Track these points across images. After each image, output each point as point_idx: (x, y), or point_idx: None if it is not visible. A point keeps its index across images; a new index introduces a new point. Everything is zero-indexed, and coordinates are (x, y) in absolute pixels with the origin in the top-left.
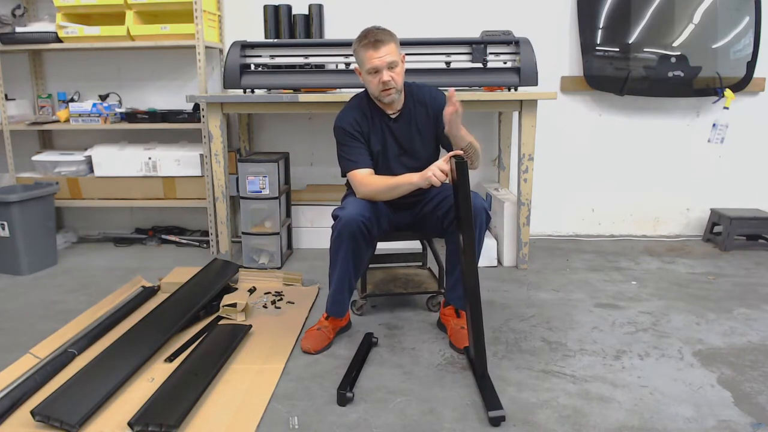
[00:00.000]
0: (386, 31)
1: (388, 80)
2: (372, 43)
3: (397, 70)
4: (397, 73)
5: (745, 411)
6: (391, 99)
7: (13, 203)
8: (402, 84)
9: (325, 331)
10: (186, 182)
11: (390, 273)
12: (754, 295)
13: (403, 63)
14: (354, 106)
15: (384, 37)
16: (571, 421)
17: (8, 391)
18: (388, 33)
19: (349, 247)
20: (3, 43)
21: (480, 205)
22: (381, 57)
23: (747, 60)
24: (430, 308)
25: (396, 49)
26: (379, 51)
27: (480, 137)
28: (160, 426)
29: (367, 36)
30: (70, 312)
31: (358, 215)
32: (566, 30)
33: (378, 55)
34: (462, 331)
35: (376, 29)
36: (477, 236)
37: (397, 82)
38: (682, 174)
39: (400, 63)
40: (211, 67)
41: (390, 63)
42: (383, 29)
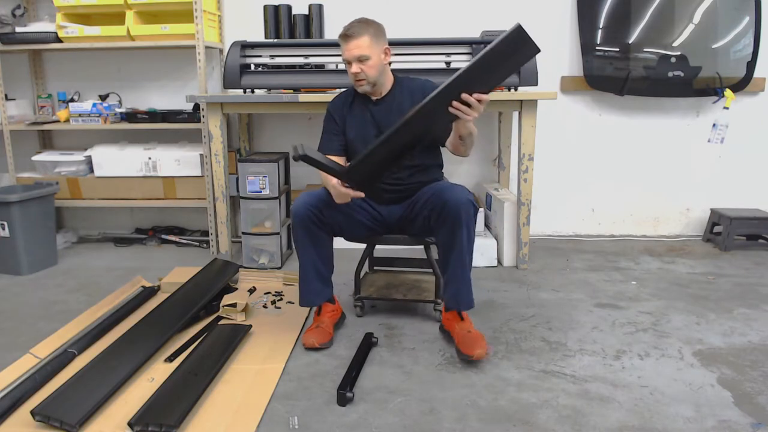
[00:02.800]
0: (362, 24)
1: (357, 72)
2: (343, 36)
3: (369, 63)
4: (369, 66)
5: (745, 411)
6: (363, 90)
7: (13, 203)
8: (375, 77)
9: (323, 326)
10: (186, 182)
11: (396, 277)
12: (754, 295)
13: (387, 55)
14: (344, 92)
15: (355, 31)
16: (571, 421)
17: (8, 391)
18: (363, 26)
19: (305, 236)
20: (3, 43)
21: (464, 197)
22: (349, 50)
23: (747, 60)
24: (437, 318)
25: (369, 43)
26: (348, 44)
27: (480, 137)
28: (160, 426)
29: (344, 28)
30: (70, 312)
31: (303, 204)
32: (566, 30)
33: (347, 48)
34: (469, 335)
35: (354, 22)
36: (465, 230)
37: (368, 75)
38: (682, 174)
39: (373, 56)
40: (211, 67)
41: (358, 57)
42: (361, 22)
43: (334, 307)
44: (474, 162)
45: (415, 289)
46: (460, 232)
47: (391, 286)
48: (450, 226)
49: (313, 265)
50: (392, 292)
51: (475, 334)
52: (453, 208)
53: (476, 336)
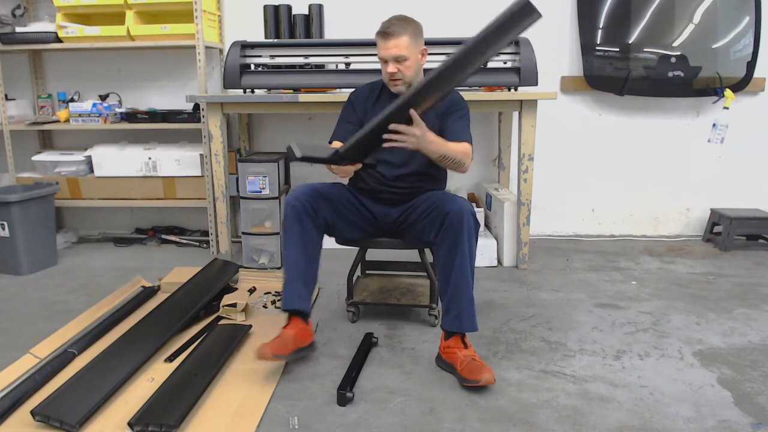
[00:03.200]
0: (402, 23)
1: (393, 72)
2: (382, 33)
3: (406, 64)
4: (407, 66)
5: (745, 411)
6: (397, 90)
7: (13, 203)
8: (412, 77)
9: (284, 339)
10: (186, 182)
11: (390, 281)
12: (754, 295)
13: (423, 56)
14: (370, 84)
15: (395, 29)
16: (571, 421)
17: (8, 391)
18: (403, 25)
19: (296, 229)
20: (3, 43)
21: (466, 208)
22: (387, 49)
23: (747, 60)
24: (432, 323)
25: (408, 43)
26: (387, 43)
27: (480, 137)
28: (160, 426)
29: (382, 24)
30: (70, 312)
31: (299, 194)
32: (566, 30)
33: (385, 47)
34: (474, 362)
35: (394, 19)
36: (466, 242)
37: (404, 75)
38: (682, 174)
39: (411, 57)
40: (211, 67)
41: (396, 56)
42: (401, 20)
43: (305, 328)
44: (474, 162)
45: (410, 293)
46: (462, 244)
47: (385, 290)
48: (451, 238)
49: (297, 265)
50: (386, 297)
51: (480, 363)
52: (455, 219)
53: (481, 364)
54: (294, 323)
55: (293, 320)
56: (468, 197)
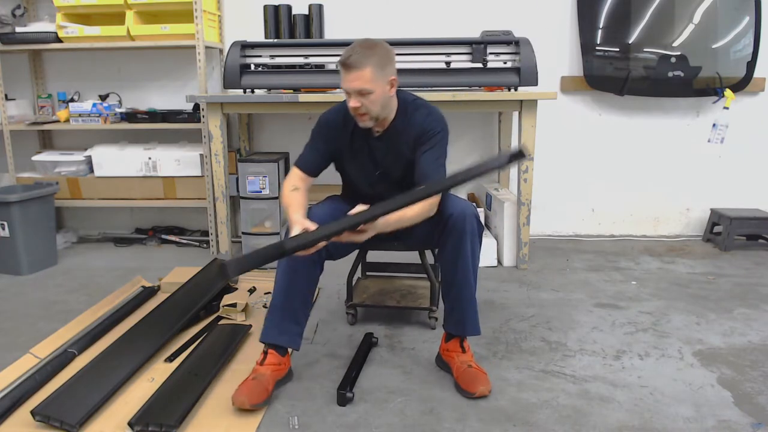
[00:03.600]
0: (366, 52)
1: (355, 107)
2: (342, 64)
3: (371, 98)
4: (371, 101)
5: (745, 411)
6: (363, 125)
7: (13, 203)
8: (379, 112)
9: (261, 380)
10: (186, 182)
11: (391, 283)
12: (754, 295)
13: (393, 86)
14: (342, 110)
15: (357, 60)
16: (571, 421)
17: (8, 391)
18: (366, 54)
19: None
20: (3, 43)
21: (470, 210)
22: (349, 82)
23: (747, 60)
24: (432, 326)
25: (372, 75)
26: (348, 75)
27: (480, 137)
28: (160, 426)
29: (344, 53)
30: (70, 312)
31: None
32: (566, 30)
33: (347, 80)
34: (470, 370)
35: (357, 47)
36: (469, 245)
37: (370, 110)
38: (682, 174)
39: (376, 90)
40: (211, 67)
41: (358, 90)
42: (365, 48)
43: (282, 361)
44: (474, 162)
45: (410, 295)
46: (465, 247)
47: (385, 292)
48: (454, 241)
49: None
50: (386, 299)
51: (476, 370)
52: (458, 223)
53: (477, 371)
54: (270, 358)
55: (270, 354)
56: (468, 197)
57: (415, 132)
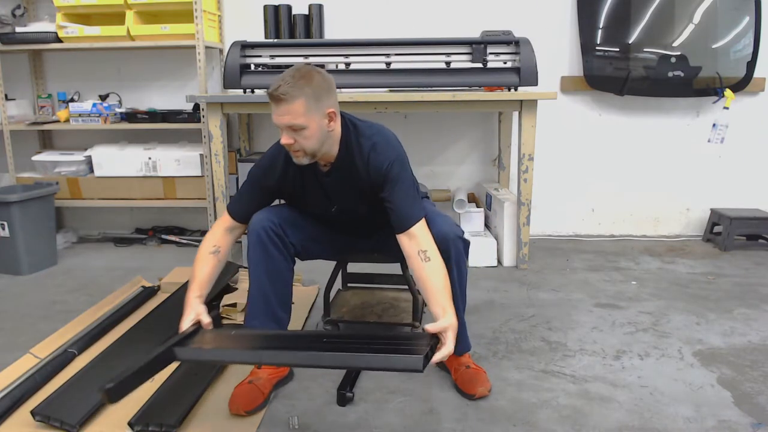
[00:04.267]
0: (299, 83)
1: (288, 144)
2: (271, 96)
3: (305, 133)
4: (305, 137)
5: (745, 411)
6: (299, 162)
7: (13, 203)
8: (315, 148)
9: (257, 384)
10: (186, 182)
11: (373, 295)
12: (754, 295)
13: (333, 120)
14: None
15: (287, 93)
16: (571, 421)
17: (8, 391)
18: (298, 86)
19: (261, 258)
20: (3, 43)
21: (452, 232)
22: (278, 116)
23: (747, 60)
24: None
25: (304, 109)
26: (277, 108)
27: (480, 137)
28: (161, 426)
29: (273, 83)
30: (70, 312)
31: (264, 220)
32: (566, 30)
33: (276, 113)
34: (468, 371)
35: (288, 77)
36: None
37: (304, 147)
38: (682, 174)
39: (310, 125)
40: (211, 67)
41: (289, 125)
42: (298, 79)
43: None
44: (474, 162)
45: (393, 308)
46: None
47: (367, 305)
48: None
49: (265, 298)
50: (366, 314)
51: (474, 370)
52: (441, 245)
53: (475, 372)
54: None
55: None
56: (468, 197)
57: (365, 170)
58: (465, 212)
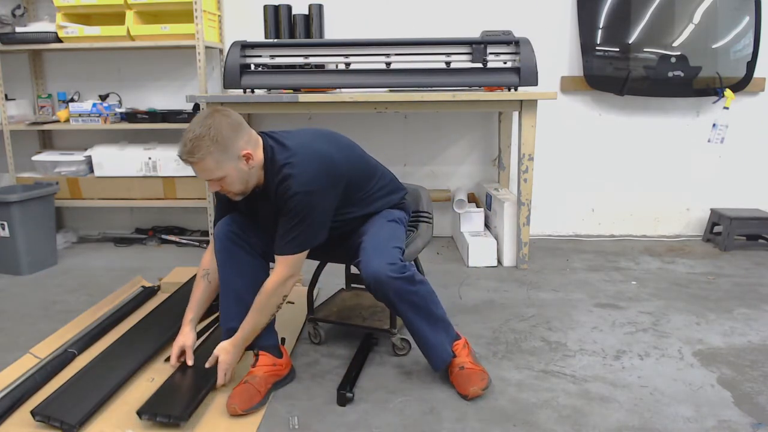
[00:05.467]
0: (202, 143)
1: (215, 190)
2: (183, 160)
3: (227, 180)
4: (229, 183)
5: (745, 411)
6: (233, 199)
7: (13, 203)
8: (242, 188)
9: (253, 383)
10: (186, 182)
11: (370, 299)
12: (754, 295)
13: (249, 159)
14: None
15: (193, 155)
16: (571, 421)
17: (8, 391)
18: (202, 145)
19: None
20: (3, 43)
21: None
22: (197, 174)
23: (747, 60)
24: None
25: (216, 164)
26: (194, 168)
27: (480, 137)
28: (168, 417)
29: (180, 144)
30: (70, 312)
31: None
32: (566, 30)
33: (194, 171)
34: (463, 372)
35: (189, 138)
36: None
37: (232, 189)
38: (682, 174)
39: (228, 173)
40: (211, 67)
41: (209, 179)
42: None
43: (277, 361)
44: (474, 162)
45: (381, 313)
46: (396, 309)
47: (358, 308)
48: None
49: (239, 298)
50: (353, 315)
51: (469, 370)
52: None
53: (470, 372)
54: (262, 359)
55: (261, 355)
56: (468, 197)
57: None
58: (465, 212)
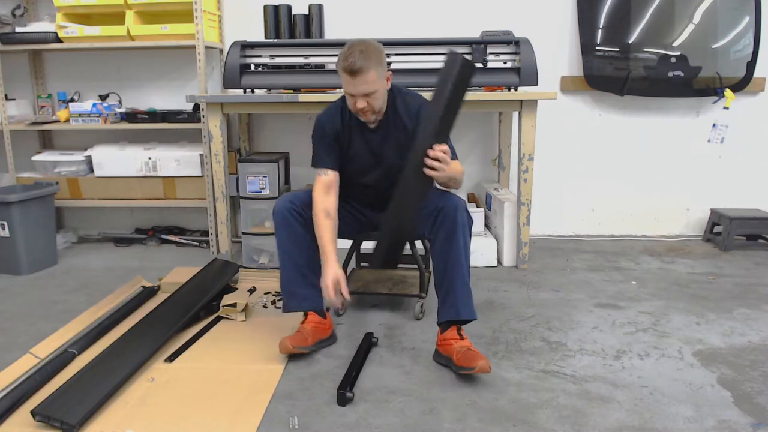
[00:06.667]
0: (366, 56)
1: (362, 107)
2: (348, 71)
3: (375, 96)
4: (375, 98)
5: (745, 411)
6: (366, 120)
7: (13, 203)
8: (381, 106)
9: (303, 332)
10: (186, 182)
11: (384, 273)
12: (754, 295)
13: (389, 80)
14: (336, 110)
15: (362, 65)
16: (571, 421)
17: (8, 391)
18: (368, 57)
19: (287, 236)
20: (3, 43)
21: (461, 203)
22: (356, 87)
23: (747, 60)
24: (417, 316)
25: (375, 76)
26: (354, 80)
27: (480, 137)
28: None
29: (347, 59)
30: (70, 312)
31: (285, 201)
32: (566, 30)
33: (353, 84)
34: (470, 352)
35: (356, 52)
36: (461, 236)
37: (374, 107)
38: (682, 174)
39: (380, 89)
40: (211, 67)
41: (365, 93)
42: (364, 53)
43: (323, 321)
44: (474, 162)
45: (402, 283)
46: (456, 238)
47: (379, 280)
48: (446, 232)
49: (296, 266)
50: (379, 287)
51: (476, 352)
52: (449, 214)
53: (477, 353)
54: (310, 318)
55: (309, 314)
56: (468, 197)
57: (412, 123)
58: None
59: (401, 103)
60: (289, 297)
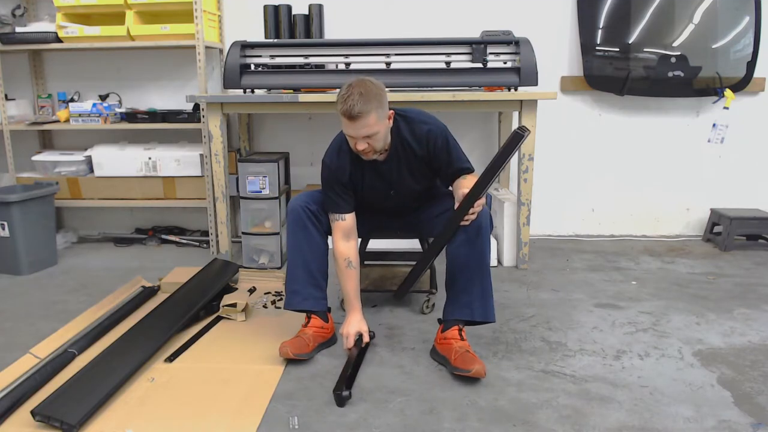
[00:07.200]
0: (367, 98)
1: (363, 149)
2: (347, 115)
3: (376, 137)
4: (377, 139)
5: (745, 411)
6: (368, 158)
7: (13, 203)
8: (382, 146)
9: (303, 338)
10: (186, 182)
11: (390, 270)
12: (754, 295)
13: (390, 119)
14: (341, 149)
15: (362, 110)
16: (571, 421)
17: (8, 391)
18: (368, 101)
19: (299, 234)
20: (3, 43)
21: (485, 209)
22: (356, 130)
23: (747, 60)
24: (424, 311)
25: (376, 119)
26: (354, 124)
27: (480, 137)
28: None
29: (345, 102)
30: (70, 312)
31: (303, 203)
32: (566, 30)
33: (353, 128)
34: (468, 354)
35: (357, 95)
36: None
37: (375, 147)
38: (682, 174)
39: (381, 130)
40: (211, 67)
41: (365, 135)
42: (365, 94)
43: (325, 326)
44: (474, 162)
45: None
46: (480, 240)
47: (386, 278)
48: (468, 234)
49: (305, 266)
50: (387, 284)
51: (474, 355)
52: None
53: (475, 356)
54: (313, 322)
55: (312, 318)
56: None
57: (423, 151)
58: None
59: (406, 129)
60: (292, 294)
